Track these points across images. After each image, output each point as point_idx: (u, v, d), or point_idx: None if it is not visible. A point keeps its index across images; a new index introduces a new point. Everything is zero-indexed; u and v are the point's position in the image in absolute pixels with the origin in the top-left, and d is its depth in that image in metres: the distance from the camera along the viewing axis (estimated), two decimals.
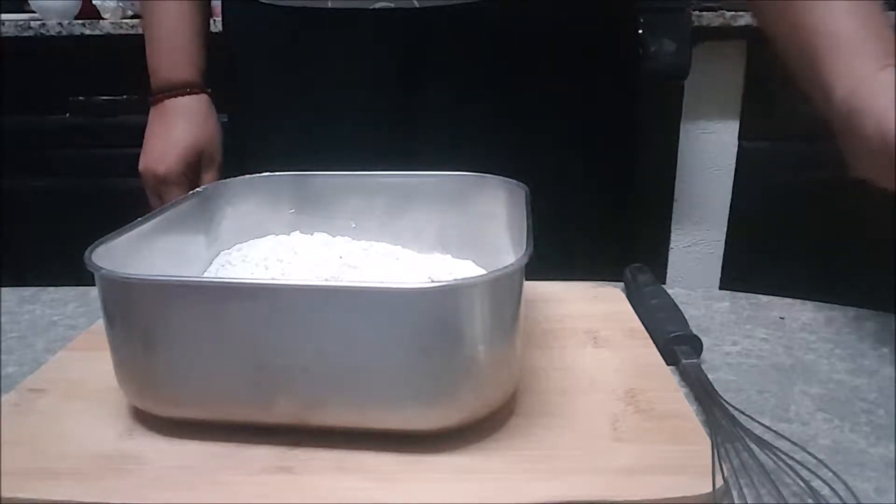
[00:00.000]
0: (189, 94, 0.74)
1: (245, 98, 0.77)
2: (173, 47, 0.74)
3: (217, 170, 0.77)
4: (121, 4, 1.64)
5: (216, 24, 0.77)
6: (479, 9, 0.64)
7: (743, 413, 0.39)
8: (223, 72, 0.76)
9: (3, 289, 0.63)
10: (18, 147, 1.62)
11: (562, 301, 0.55)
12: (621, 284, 0.59)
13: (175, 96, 0.74)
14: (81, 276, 0.41)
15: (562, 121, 0.69)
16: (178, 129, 0.73)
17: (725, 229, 1.73)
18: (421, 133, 0.69)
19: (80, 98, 1.59)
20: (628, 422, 0.38)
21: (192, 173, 0.74)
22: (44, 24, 1.54)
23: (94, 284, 0.38)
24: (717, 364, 0.48)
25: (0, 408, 0.41)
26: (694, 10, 1.54)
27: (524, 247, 0.38)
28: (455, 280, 0.36)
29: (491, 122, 0.68)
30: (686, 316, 0.50)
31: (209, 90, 0.76)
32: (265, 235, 0.55)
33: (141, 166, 0.73)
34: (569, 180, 0.70)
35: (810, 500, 0.33)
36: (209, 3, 0.78)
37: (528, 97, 0.68)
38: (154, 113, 0.75)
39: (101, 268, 0.36)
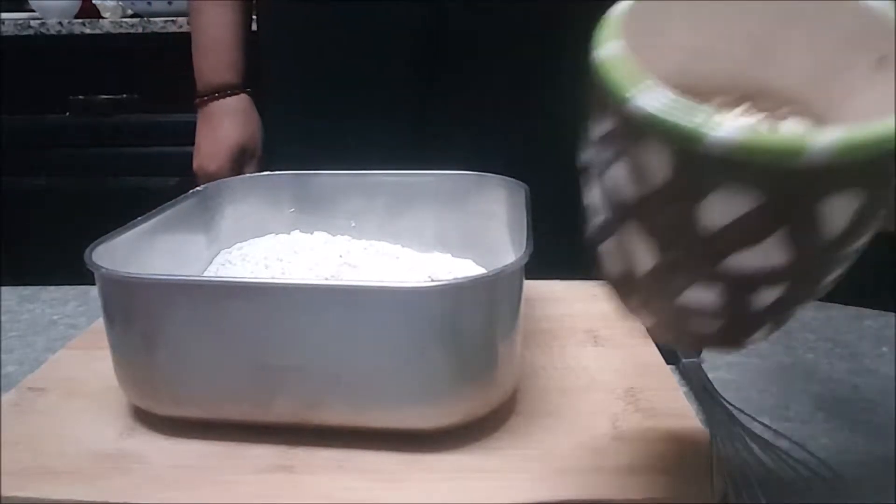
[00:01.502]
0: (230, 95, 0.80)
1: (268, 94, 0.80)
2: (216, 52, 0.80)
3: (257, 163, 0.83)
4: (120, 3, 1.64)
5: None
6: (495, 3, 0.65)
7: (743, 412, 0.39)
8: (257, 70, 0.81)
9: (3, 288, 0.63)
10: (18, 146, 1.62)
11: (562, 300, 0.55)
12: None
13: (218, 98, 0.80)
14: (81, 275, 0.41)
15: (563, 119, 0.69)
16: (223, 129, 0.80)
17: None
18: (434, 122, 0.70)
19: (81, 97, 1.59)
20: (628, 421, 0.38)
21: (237, 167, 0.81)
22: (44, 23, 1.54)
23: (94, 283, 0.38)
24: (717, 363, 0.47)
25: (0, 407, 0.41)
26: None
27: (524, 246, 0.38)
28: (455, 279, 0.36)
29: (493, 120, 0.68)
30: None
31: (249, 89, 0.82)
32: (265, 234, 0.55)
33: (194, 165, 0.81)
34: (569, 179, 0.70)
35: (810, 500, 0.33)
36: (251, 6, 0.82)
37: (530, 96, 0.68)
38: (201, 115, 0.82)
39: (102, 267, 0.36)
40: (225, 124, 0.80)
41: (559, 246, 0.47)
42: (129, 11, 1.65)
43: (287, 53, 0.75)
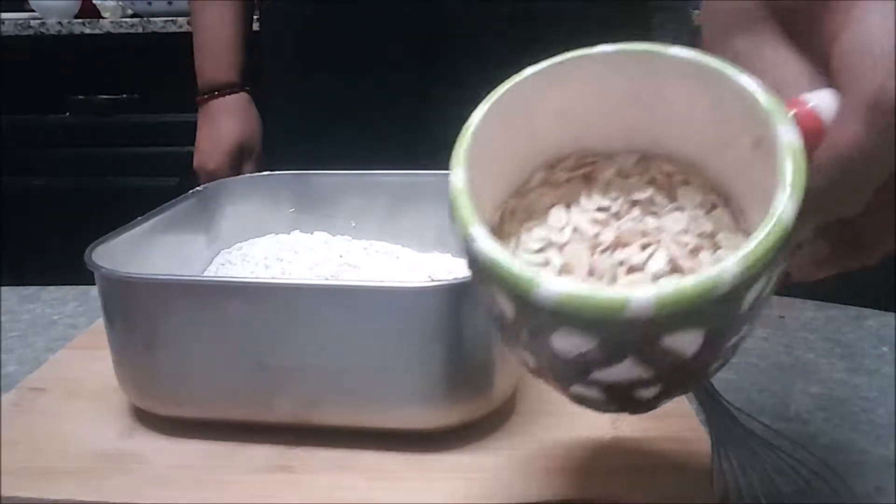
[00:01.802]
0: (230, 93, 0.81)
1: (267, 93, 0.81)
2: (216, 51, 0.81)
3: (256, 160, 0.84)
4: (120, 3, 1.64)
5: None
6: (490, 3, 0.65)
7: (743, 412, 0.39)
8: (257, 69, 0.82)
9: (3, 288, 0.63)
10: (18, 146, 1.62)
11: None
12: None
13: (218, 97, 0.81)
14: (82, 275, 0.41)
15: None
16: (222, 127, 0.81)
17: None
18: (435, 121, 0.70)
19: (81, 97, 1.59)
20: (628, 421, 0.38)
21: (236, 165, 0.82)
22: (44, 23, 1.54)
23: (94, 283, 0.38)
24: None
25: (0, 407, 0.41)
26: (694, 10, 1.54)
27: None
28: (455, 279, 0.36)
29: None
30: None
31: (248, 88, 0.83)
32: (265, 234, 0.55)
33: (195, 163, 0.83)
34: None
35: (810, 500, 0.33)
36: (253, 5, 0.83)
37: None
38: (202, 113, 0.83)
39: (101, 267, 0.36)
40: (224, 123, 0.81)
41: None
42: (129, 11, 1.65)
43: (288, 53, 0.76)
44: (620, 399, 0.24)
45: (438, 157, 0.62)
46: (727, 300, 0.20)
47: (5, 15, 1.66)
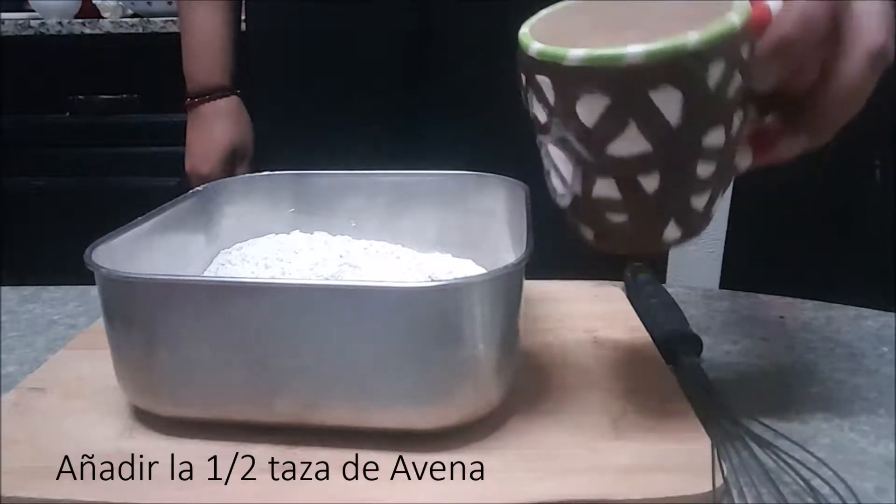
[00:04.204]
0: (221, 97, 0.81)
1: (257, 94, 0.81)
2: (207, 54, 0.80)
3: (247, 163, 0.84)
4: (120, 3, 1.64)
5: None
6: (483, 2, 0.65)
7: (743, 412, 0.39)
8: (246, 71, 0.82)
9: (4, 288, 0.63)
10: (19, 146, 1.62)
11: (562, 300, 0.55)
12: (621, 283, 0.59)
13: (209, 101, 0.81)
14: (82, 275, 0.41)
15: None
16: (214, 131, 0.81)
17: (725, 229, 1.73)
18: (430, 122, 0.70)
19: (81, 97, 1.59)
20: (628, 420, 0.38)
21: (229, 169, 0.82)
22: (44, 23, 1.54)
23: (94, 283, 0.38)
24: (717, 363, 0.48)
25: (0, 407, 0.41)
26: None
27: (524, 246, 0.38)
28: (455, 279, 0.36)
29: (490, 119, 0.68)
30: (686, 315, 0.50)
31: (238, 91, 0.83)
32: (265, 234, 0.55)
33: (187, 167, 0.82)
34: None
35: (810, 500, 0.33)
36: (241, 7, 0.83)
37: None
38: (192, 116, 0.82)
39: (102, 267, 0.36)
40: (217, 127, 0.81)
41: (559, 246, 0.47)
42: (129, 11, 1.65)
43: (277, 53, 0.75)
44: (630, 195, 0.32)
45: (435, 158, 0.62)
46: (693, 64, 0.29)
47: (5, 15, 1.66)
